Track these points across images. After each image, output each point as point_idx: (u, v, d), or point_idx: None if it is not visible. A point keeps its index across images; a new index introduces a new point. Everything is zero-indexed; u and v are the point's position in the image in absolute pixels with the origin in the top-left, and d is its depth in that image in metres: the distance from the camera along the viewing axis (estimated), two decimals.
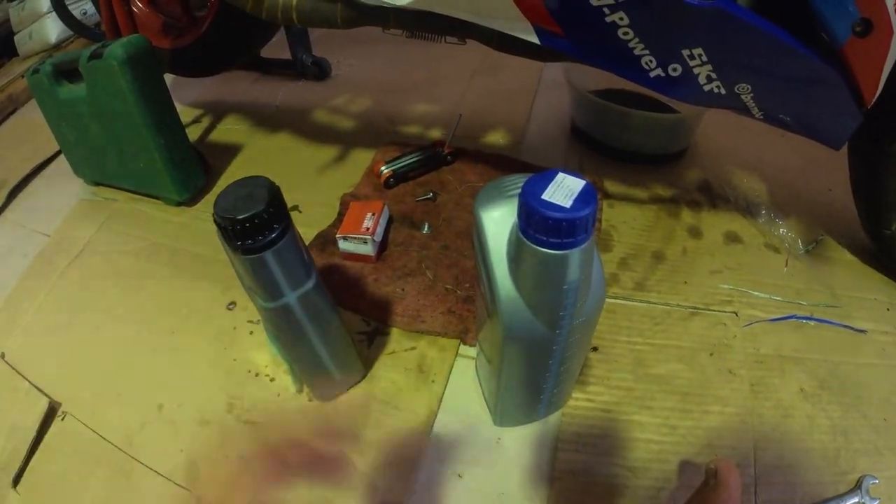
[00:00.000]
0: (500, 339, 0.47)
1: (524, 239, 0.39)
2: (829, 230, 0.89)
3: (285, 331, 0.55)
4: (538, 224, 0.37)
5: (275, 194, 0.46)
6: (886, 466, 0.62)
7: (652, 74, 0.59)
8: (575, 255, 0.39)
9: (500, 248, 0.44)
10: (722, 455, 0.62)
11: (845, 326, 0.76)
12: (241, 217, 0.44)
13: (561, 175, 0.39)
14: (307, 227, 0.90)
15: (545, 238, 0.38)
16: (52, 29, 1.59)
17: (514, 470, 0.62)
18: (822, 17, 0.50)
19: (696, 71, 0.57)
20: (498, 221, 0.44)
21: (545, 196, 0.37)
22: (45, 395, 0.71)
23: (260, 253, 0.46)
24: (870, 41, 0.50)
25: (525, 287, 0.43)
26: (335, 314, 0.60)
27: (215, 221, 0.46)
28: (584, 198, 0.37)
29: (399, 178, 0.98)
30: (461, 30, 0.67)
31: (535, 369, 0.53)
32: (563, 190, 0.37)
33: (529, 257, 0.40)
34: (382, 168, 0.97)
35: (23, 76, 1.34)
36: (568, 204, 0.37)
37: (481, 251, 0.46)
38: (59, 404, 0.71)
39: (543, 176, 0.39)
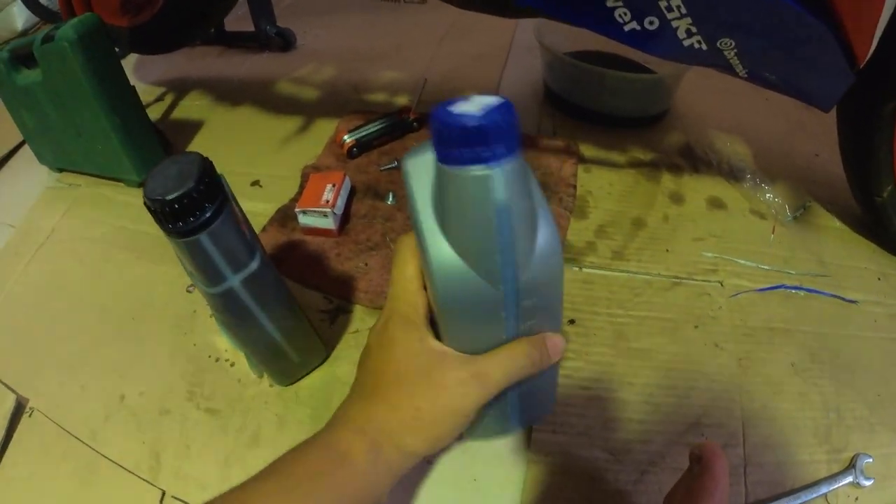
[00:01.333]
0: (439, 307, 0.40)
1: (441, 165, 0.34)
2: (816, 196, 0.86)
3: (233, 316, 0.52)
4: (447, 137, 0.32)
5: (206, 170, 0.43)
6: (881, 444, 0.60)
7: (626, 28, 0.57)
8: (497, 176, 0.33)
9: (425, 196, 0.38)
10: (709, 435, 0.60)
11: (835, 297, 0.73)
12: (169, 198, 0.41)
13: (476, 96, 0.34)
14: (268, 202, 0.88)
15: (457, 152, 0.33)
16: (19, 16, 1.57)
17: (486, 454, 0.60)
18: None
19: (674, 24, 0.55)
20: (422, 169, 0.39)
21: (454, 109, 0.32)
22: (13, 391, 0.69)
23: (194, 235, 0.43)
24: None
25: (453, 230, 0.37)
26: (286, 295, 0.57)
27: (145, 204, 0.43)
28: (501, 110, 0.32)
29: (363, 147, 0.95)
30: None
31: (485, 346, 0.42)
32: (476, 104, 0.33)
33: (449, 187, 0.35)
34: (345, 137, 0.94)
35: None
36: (479, 112, 0.32)
37: (410, 207, 0.39)
38: (27, 400, 0.69)
39: (456, 98, 0.34)
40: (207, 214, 0.43)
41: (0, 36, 1.59)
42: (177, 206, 0.41)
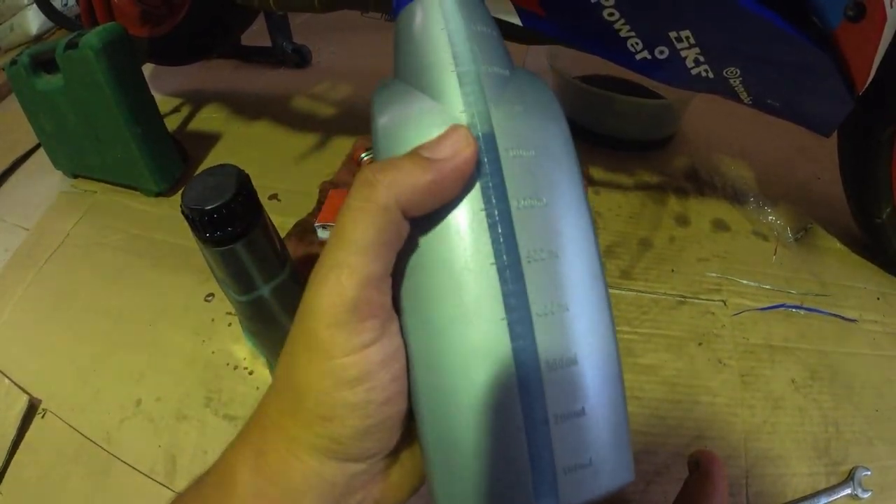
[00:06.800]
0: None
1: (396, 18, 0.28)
2: (817, 218, 0.88)
3: (260, 324, 0.53)
4: None
5: (244, 183, 0.45)
6: (878, 457, 0.61)
7: (638, 57, 0.58)
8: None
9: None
10: (711, 447, 0.61)
11: (835, 316, 0.75)
12: (208, 207, 0.43)
13: None
14: (286, 216, 0.88)
15: None
16: (34, 21, 1.57)
17: None
18: (815, 1, 0.48)
19: (683, 54, 0.56)
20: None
21: None
22: (26, 392, 0.70)
23: (230, 244, 0.45)
24: (862, 26, 0.49)
25: (404, 71, 0.27)
26: None
27: (183, 213, 0.44)
28: None
29: None
30: None
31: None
32: None
33: (400, 32, 0.28)
34: (363, 155, 0.95)
35: (2, 69, 1.31)
36: None
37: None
38: (40, 401, 0.70)
39: None
40: (244, 225, 0.45)
41: (13, 41, 1.60)
42: (215, 215, 0.43)
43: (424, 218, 0.23)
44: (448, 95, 0.24)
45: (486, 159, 0.23)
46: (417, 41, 0.26)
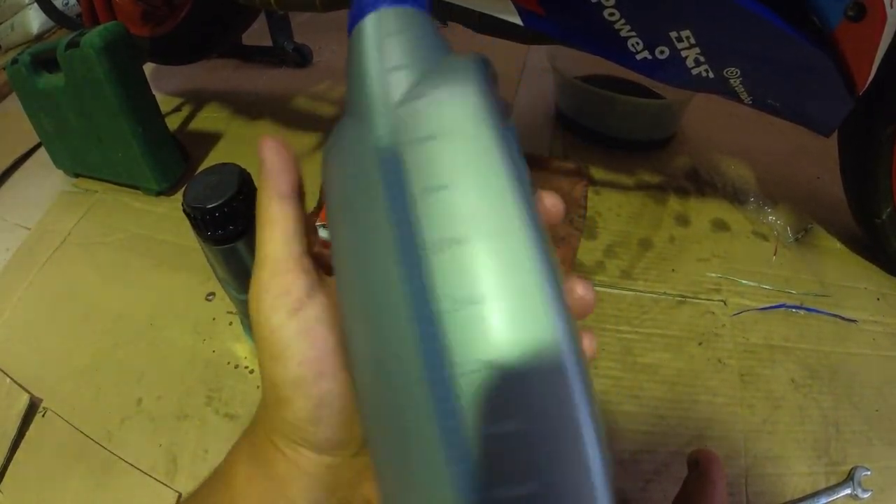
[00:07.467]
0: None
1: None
2: (817, 218, 0.88)
3: None
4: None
5: (245, 181, 0.45)
6: (878, 457, 0.61)
7: (638, 57, 0.58)
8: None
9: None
10: (711, 446, 0.62)
11: (835, 316, 0.75)
12: (210, 206, 0.43)
13: None
14: None
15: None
16: (34, 20, 1.57)
17: None
18: (815, 1, 0.48)
19: (683, 54, 0.56)
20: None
21: None
22: (26, 390, 0.70)
23: (232, 243, 0.45)
24: (862, 26, 0.49)
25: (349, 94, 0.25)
26: None
27: (185, 211, 0.45)
28: None
29: None
30: (441, 11, 0.66)
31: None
32: None
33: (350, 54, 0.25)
34: None
35: (3, 68, 1.32)
36: None
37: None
38: (40, 400, 0.70)
39: None
40: (245, 223, 0.45)
41: (14, 41, 1.60)
42: (217, 214, 0.43)
43: (335, 210, 0.24)
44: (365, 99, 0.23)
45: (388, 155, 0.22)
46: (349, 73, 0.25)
